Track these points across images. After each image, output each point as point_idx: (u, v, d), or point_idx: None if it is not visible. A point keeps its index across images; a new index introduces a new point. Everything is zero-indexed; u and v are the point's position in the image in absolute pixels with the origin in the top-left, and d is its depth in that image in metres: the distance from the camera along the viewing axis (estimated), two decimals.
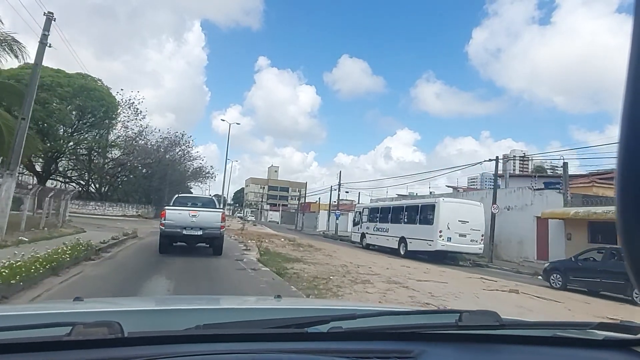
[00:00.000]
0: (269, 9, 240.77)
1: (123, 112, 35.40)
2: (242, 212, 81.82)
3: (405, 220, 22.33)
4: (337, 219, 37.90)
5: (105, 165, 38.13)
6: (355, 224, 28.04)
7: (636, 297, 10.51)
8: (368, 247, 25.26)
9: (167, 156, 41.15)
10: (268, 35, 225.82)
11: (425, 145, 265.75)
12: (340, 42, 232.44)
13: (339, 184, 38.70)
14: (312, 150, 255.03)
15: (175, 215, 11.58)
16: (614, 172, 0.50)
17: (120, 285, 7.54)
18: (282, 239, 24.44)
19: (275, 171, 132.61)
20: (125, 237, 15.10)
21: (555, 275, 13.16)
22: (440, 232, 19.33)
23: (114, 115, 34.32)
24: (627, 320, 1.24)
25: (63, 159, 34.46)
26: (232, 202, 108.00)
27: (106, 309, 1.81)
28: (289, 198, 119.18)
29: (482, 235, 19.95)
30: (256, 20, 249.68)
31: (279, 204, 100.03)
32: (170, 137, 41.84)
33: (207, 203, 14.42)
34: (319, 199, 52.73)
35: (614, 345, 1.18)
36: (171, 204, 12.86)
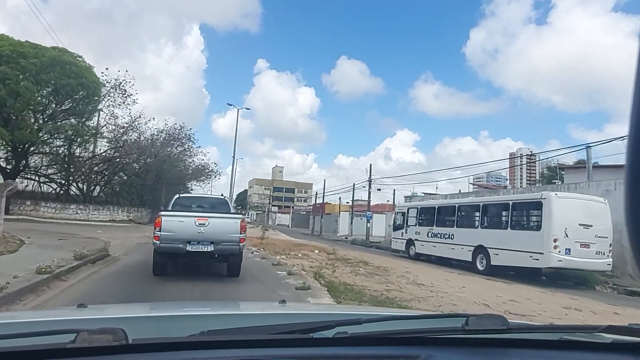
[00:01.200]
0: (267, 12, 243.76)
1: (109, 96, 29.23)
2: (247, 214, 75.72)
3: (486, 223, 16.16)
4: (368, 221, 31.78)
5: (89, 161, 32.00)
6: (396, 228, 21.82)
7: None
8: (418, 257, 19.21)
9: (166, 150, 35.05)
10: (267, 38, 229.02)
11: (425, 145, 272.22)
12: (339, 44, 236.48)
13: (369, 180, 32.54)
14: (312, 152, 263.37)
15: (175, 224, 7.88)
16: (624, 169, 0.50)
17: None
18: (316, 250, 18.37)
19: (280, 171, 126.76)
20: (81, 262, 8.77)
21: None
22: (556, 241, 13.20)
23: (97, 99, 28.19)
24: (635, 323, 1.16)
25: (36, 152, 28.33)
26: (234, 205, 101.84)
27: (110, 316, 1.76)
28: (295, 199, 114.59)
29: (610, 245, 13.84)
30: (254, 24, 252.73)
31: (283, 206, 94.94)
32: (168, 130, 35.68)
33: (219, 205, 10.10)
34: (340, 199, 46.63)
35: (622, 348, 1.16)
36: (169, 208, 9.26)
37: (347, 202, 51.07)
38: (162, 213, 8.19)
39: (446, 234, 17.43)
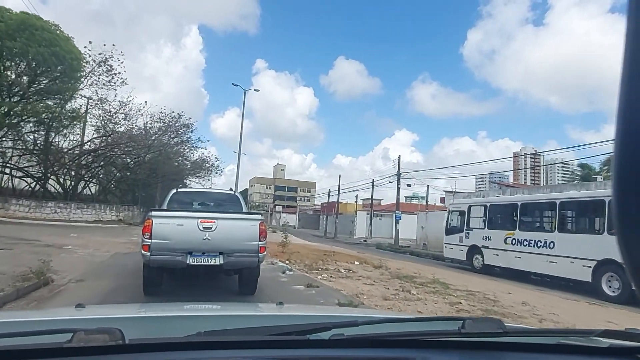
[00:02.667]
0: (265, 13, 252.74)
1: (93, 74, 24.62)
2: None
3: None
4: (397, 223, 27.22)
5: (72, 151, 27.43)
6: (451, 231, 17.16)
7: None
8: (488, 270, 14.54)
9: (161, 140, 30.51)
10: (265, 38, 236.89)
11: (423, 145, 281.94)
12: (337, 44, 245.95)
13: (398, 174, 27.88)
14: (311, 152, 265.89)
15: (172, 228, 5.82)
16: (611, 172, 0.50)
17: None
18: (356, 262, 13.85)
19: (282, 170, 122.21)
20: None
21: None
22: None
23: (78, 75, 23.60)
24: (632, 328, 1.18)
25: (3, 139, 23.73)
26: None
27: (107, 316, 1.74)
28: (298, 199, 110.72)
29: None
30: (253, 25, 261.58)
31: (285, 205, 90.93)
32: (163, 118, 31.02)
33: (228, 203, 7.95)
34: (356, 197, 42.08)
35: (619, 353, 1.15)
36: (164, 206, 7.28)
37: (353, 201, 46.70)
38: (154, 213, 6.03)
39: (540, 242, 12.72)
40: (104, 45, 24.11)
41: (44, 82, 22.83)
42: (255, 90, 27.98)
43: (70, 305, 1.91)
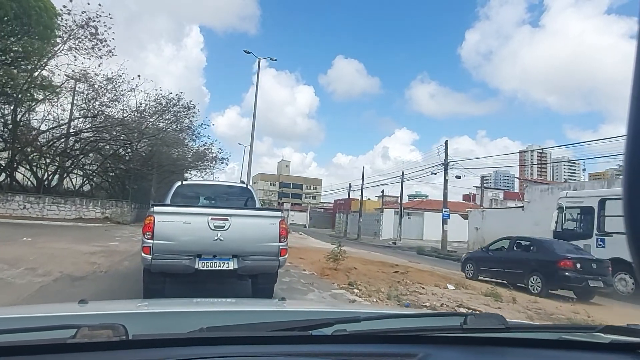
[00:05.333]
0: (265, 14, 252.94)
1: (73, 37, 19.61)
2: None
3: None
4: (445, 223, 22.11)
5: (48, 134, 22.48)
6: (567, 236, 11.89)
7: (531, 286, 9.87)
8: None
9: (158, 124, 25.54)
10: (265, 38, 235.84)
11: (422, 144, 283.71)
12: (336, 44, 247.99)
13: (445, 162, 22.59)
14: (312, 150, 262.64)
15: (178, 226, 5.10)
16: (622, 172, 0.50)
17: None
18: (450, 285, 8.88)
19: (287, 166, 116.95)
20: None
21: (468, 265, 12.46)
22: None
23: (52, 34, 18.62)
24: (634, 324, 1.16)
25: None
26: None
27: (111, 312, 1.70)
28: (303, 196, 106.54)
29: None
30: (252, 26, 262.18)
31: (292, 203, 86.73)
32: (160, 100, 25.87)
33: (240, 198, 7.16)
34: (382, 192, 37.10)
35: (620, 348, 1.15)
36: (168, 200, 6.45)
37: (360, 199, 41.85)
38: (156, 209, 5.11)
39: None
40: (88, 3, 19.16)
41: (4, 41, 17.84)
42: (271, 59, 22.86)
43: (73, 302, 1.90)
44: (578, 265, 9.36)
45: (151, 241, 4.90)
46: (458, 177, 23.02)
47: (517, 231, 18.91)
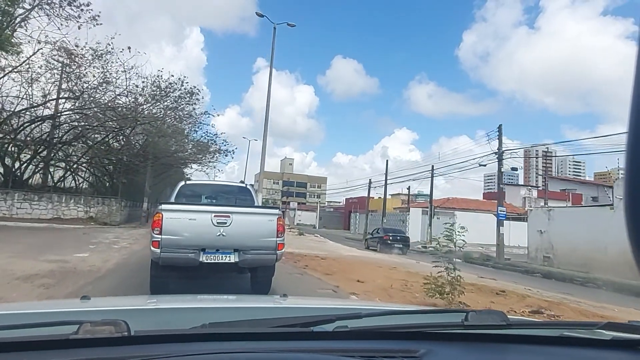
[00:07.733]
0: (265, 14, 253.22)
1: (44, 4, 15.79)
2: None
3: None
4: (500, 225, 18.18)
5: (19, 117, 18.57)
6: None
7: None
8: None
9: (154, 110, 21.66)
10: (265, 38, 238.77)
11: (422, 144, 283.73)
12: (334, 44, 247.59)
13: (499, 152, 18.57)
14: (312, 150, 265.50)
15: (184, 222, 5.68)
16: (623, 172, 0.51)
17: None
18: None
19: (290, 164, 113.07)
20: None
21: (366, 242, 24.57)
22: None
23: None
24: (635, 321, 1.17)
25: None
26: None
27: (113, 308, 1.72)
28: (307, 195, 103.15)
29: None
30: (253, 25, 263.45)
31: (298, 202, 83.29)
32: (157, 83, 21.89)
33: (240, 196, 7.69)
34: (409, 188, 33.19)
35: (622, 345, 1.14)
36: (172, 199, 6.92)
37: (372, 197, 38.06)
38: (164, 207, 5.64)
39: None
40: None
41: None
42: (289, 25, 18.96)
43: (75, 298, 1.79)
44: None
45: (160, 236, 5.41)
46: (514, 169, 19.16)
47: (605, 236, 14.99)
